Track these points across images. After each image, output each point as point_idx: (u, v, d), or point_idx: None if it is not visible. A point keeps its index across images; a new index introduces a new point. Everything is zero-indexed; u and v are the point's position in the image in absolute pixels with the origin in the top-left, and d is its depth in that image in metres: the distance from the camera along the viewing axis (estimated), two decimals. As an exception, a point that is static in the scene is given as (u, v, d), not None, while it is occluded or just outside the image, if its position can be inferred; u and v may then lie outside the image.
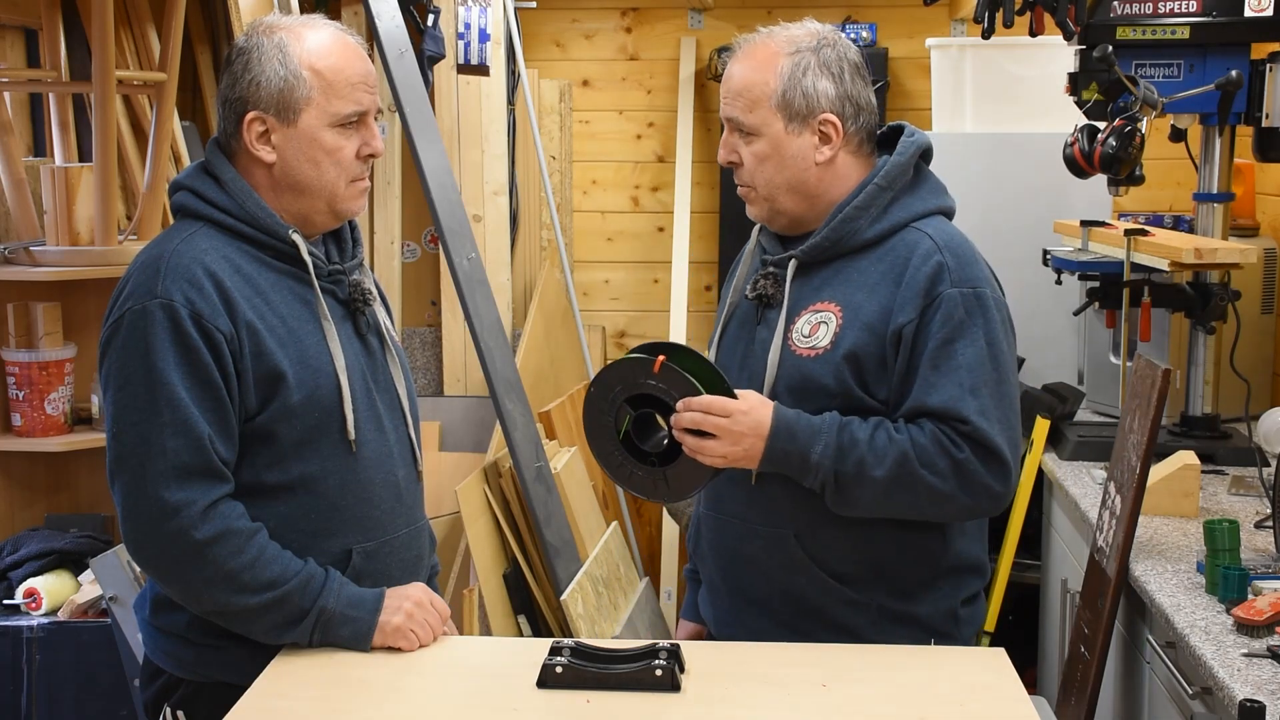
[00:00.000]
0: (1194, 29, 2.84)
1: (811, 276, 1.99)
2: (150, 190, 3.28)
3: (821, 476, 1.89)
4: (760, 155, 1.97)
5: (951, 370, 1.88)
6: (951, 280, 1.91)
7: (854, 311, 1.94)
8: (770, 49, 1.98)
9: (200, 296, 1.79)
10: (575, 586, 3.38)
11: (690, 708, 1.66)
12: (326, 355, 1.88)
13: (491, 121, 4.28)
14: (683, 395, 1.88)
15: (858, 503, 1.92)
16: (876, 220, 1.97)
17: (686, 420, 1.87)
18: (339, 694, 1.71)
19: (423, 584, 1.95)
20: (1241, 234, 3.37)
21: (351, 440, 1.89)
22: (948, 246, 1.94)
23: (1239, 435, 2.97)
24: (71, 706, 2.90)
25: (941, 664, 1.80)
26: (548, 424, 3.87)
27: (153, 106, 3.28)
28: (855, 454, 1.88)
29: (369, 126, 1.92)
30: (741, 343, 2.05)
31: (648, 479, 1.97)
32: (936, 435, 1.88)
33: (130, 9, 3.66)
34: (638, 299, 4.64)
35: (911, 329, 1.90)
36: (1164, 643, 2.11)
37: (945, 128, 3.88)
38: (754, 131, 1.97)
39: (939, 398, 1.88)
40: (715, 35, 4.51)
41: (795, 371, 1.95)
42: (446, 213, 3.46)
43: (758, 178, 1.99)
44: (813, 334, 1.95)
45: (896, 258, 1.95)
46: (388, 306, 2.10)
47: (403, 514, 1.98)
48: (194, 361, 1.77)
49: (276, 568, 1.81)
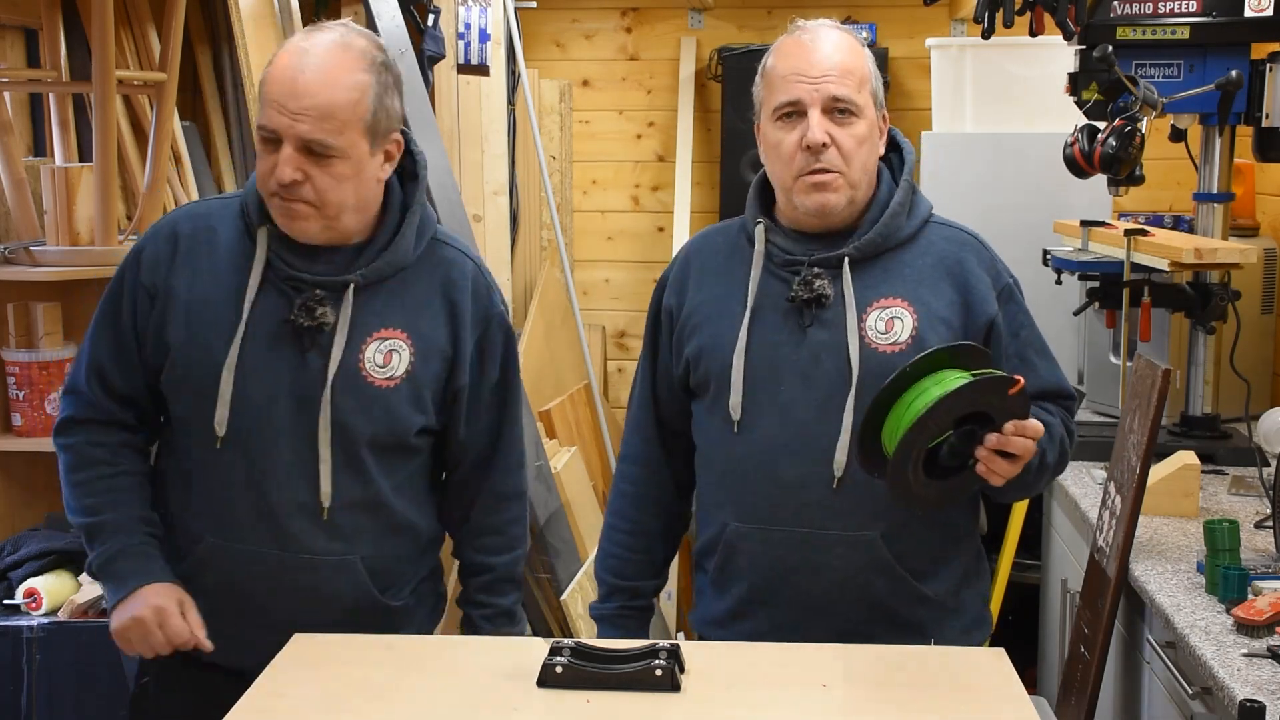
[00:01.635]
0: (1194, 29, 2.84)
1: (863, 275, 1.95)
2: (150, 190, 3.28)
3: (1023, 474, 1.84)
4: (860, 138, 1.92)
5: (1042, 351, 2.01)
6: (1005, 271, 2.01)
7: (925, 307, 1.93)
8: (847, 35, 1.96)
9: (154, 249, 1.96)
10: (575, 586, 3.38)
11: (690, 708, 1.66)
12: (224, 345, 1.89)
13: (491, 121, 4.28)
14: (1012, 417, 1.76)
15: (1027, 490, 1.99)
16: (910, 217, 1.99)
17: (1017, 446, 1.77)
18: (339, 693, 1.71)
19: (178, 599, 1.90)
20: (1241, 234, 3.37)
21: (218, 436, 1.89)
22: (983, 240, 2.03)
23: (1239, 435, 2.97)
24: (71, 706, 2.90)
25: (941, 664, 1.80)
26: (548, 424, 3.87)
27: (153, 106, 3.28)
28: (1042, 444, 1.86)
29: (281, 151, 1.81)
30: (786, 346, 1.94)
31: (918, 487, 1.80)
32: (1064, 415, 1.99)
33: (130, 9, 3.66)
34: (638, 299, 4.64)
35: (1000, 322, 1.96)
36: (1164, 643, 2.11)
37: (945, 128, 3.88)
38: (858, 113, 1.91)
39: (1050, 379, 2.00)
40: (715, 35, 4.51)
41: (884, 368, 1.86)
42: (446, 213, 3.47)
43: (854, 161, 1.92)
44: (889, 330, 1.92)
45: (941, 254, 1.98)
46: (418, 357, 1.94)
47: (279, 535, 1.91)
48: (114, 301, 1.98)
49: (95, 500, 1.94)
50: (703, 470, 2.06)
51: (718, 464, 2.01)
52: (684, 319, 2.04)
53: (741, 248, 2.03)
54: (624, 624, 2.15)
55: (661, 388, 2.11)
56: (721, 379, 1.97)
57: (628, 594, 2.16)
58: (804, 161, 1.90)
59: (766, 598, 1.97)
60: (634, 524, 2.16)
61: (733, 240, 2.06)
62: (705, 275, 2.05)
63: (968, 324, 1.94)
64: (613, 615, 2.16)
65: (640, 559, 2.17)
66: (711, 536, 2.04)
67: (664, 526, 2.17)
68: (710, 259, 2.06)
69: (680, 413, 2.09)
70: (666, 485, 2.15)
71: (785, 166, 1.93)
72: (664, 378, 2.10)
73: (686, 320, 2.04)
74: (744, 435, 1.95)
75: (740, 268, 2.01)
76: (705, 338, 2.00)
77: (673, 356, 2.07)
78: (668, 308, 2.08)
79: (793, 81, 1.91)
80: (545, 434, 3.75)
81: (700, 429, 2.05)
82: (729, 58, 4.29)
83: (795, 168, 1.92)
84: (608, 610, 2.16)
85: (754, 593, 1.98)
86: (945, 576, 1.98)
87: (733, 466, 1.98)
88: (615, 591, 2.16)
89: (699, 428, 2.05)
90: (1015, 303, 1.99)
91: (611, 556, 2.17)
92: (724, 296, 2.00)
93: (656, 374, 2.11)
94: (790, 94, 1.91)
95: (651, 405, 2.13)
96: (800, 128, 1.90)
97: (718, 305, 2.01)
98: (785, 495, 1.93)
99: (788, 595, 1.96)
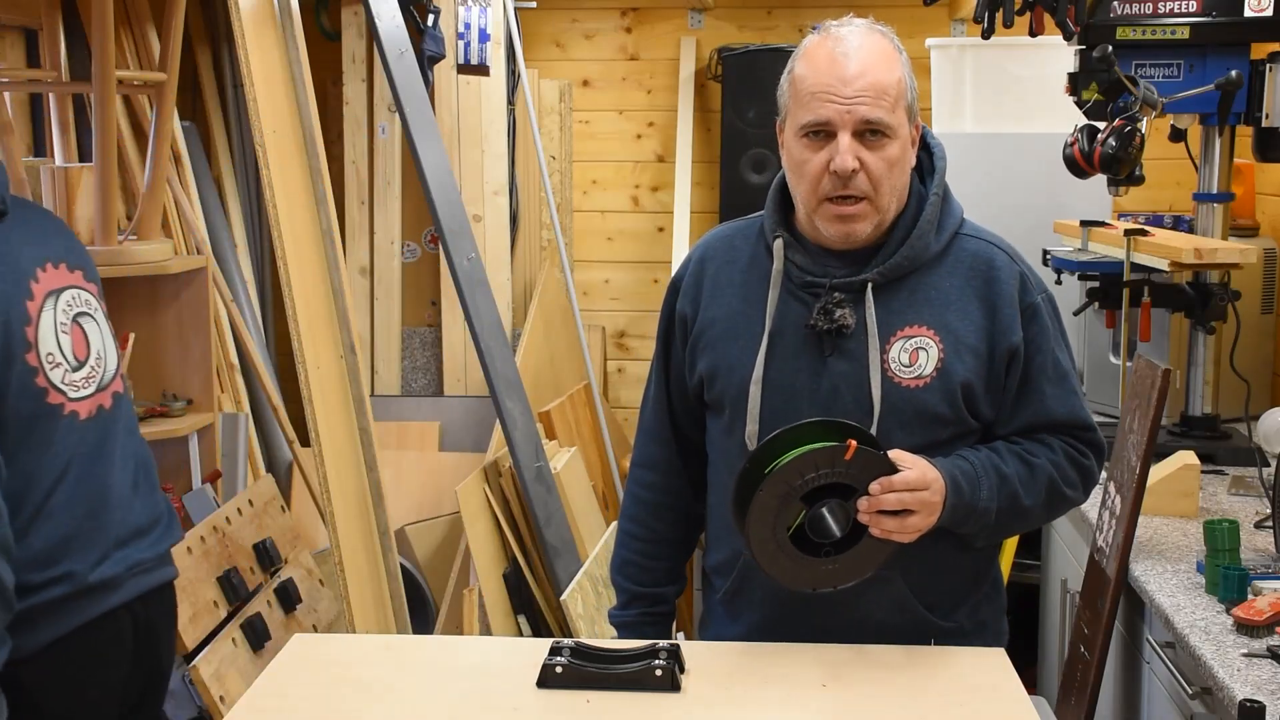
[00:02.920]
0: (1194, 29, 2.84)
1: (887, 300, 1.84)
2: (150, 190, 3.28)
3: (982, 520, 1.81)
4: (891, 160, 1.80)
5: (1061, 379, 1.88)
6: (1035, 287, 1.89)
7: (951, 335, 1.84)
8: (883, 44, 1.82)
9: None
10: (575, 586, 3.38)
11: (690, 708, 1.66)
12: None
13: (491, 121, 4.28)
14: (874, 476, 1.70)
15: (1005, 533, 1.91)
16: (939, 232, 1.88)
17: (891, 502, 1.71)
18: (338, 694, 1.71)
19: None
20: (1241, 234, 3.37)
21: None
22: (1013, 253, 1.91)
23: (1239, 435, 2.97)
24: (72, 706, 2.90)
25: (941, 664, 1.80)
26: (548, 424, 3.87)
27: (153, 107, 3.28)
28: (1009, 489, 1.82)
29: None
30: (804, 375, 1.86)
31: (811, 569, 1.75)
32: (1067, 449, 1.89)
33: (130, 9, 3.66)
34: (638, 299, 4.64)
35: (1021, 345, 1.86)
36: (1164, 643, 2.11)
37: (945, 128, 3.88)
38: (890, 134, 1.79)
39: (1064, 410, 1.88)
40: (715, 35, 4.51)
41: (906, 403, 1.82)
42: (446, 213, 3.47)
43: (883, 185, 1.80)
44: (914, 362, 1.82)
45: (969, 271, 1.87)
46: None
47: None
48: None
49: None
50: (716, 487, 2.00)
51: None
52: (698, 331, 1.97)
53: (759, 259, 1.94)
54: (645, 630, 2.08)
55: (675, 393, 2.04)
56: (737, 404, 1.89)
57: (649, 600, 2.10)
58: (830, 185, 1.80)
59: (780, 629, 1.91)
60: (651, 531, 2.10)
61: (751, 248, 1.96)
62: (720, 286, 1.96)
63: (993, 349, 1.85)
64: (634, 622, 2.10)
65: (659, 565, 2.11)
66: (724, 560, 1.98)
67: (681, 533, 2.12)
68: (726, 268, 1.97)
69: (694, 418, 2.03)
70: (683, 490, 2.09)
71: (810, 187, 1.83)
72: (677, 384, 2.03)
73: (701, 333, 1.96)
74: None
75: (758, 284, 1.91)
76: (719, 356, 1.93)
77: (686, 366, 2.00)
78: (681, 314, 2.00)
79: (823, 100, 1.78)
80: (545, 434, 3.75)
81: (714, 445, 2.00)
82: (729, 58, 4.29)
83: (821, 191, 1.82)
84: (629, 618, 2.10)
85: (767, 623, 1.93)
86: (965, 605, 1.94)
87: None
88: (636, 599, 2.10)
89: (713, 443, 2.00)
90: (1038, 324, 1.87)
91: (629, 564, 2.11)
92: (740, 313, 1.92)
93: (670, 379, 2.05)
94: (819, 114, 1.79)
95: (666, 410, 2.06)
96: (829, 149, 1.80)
97: (734, 324, 1.92)
98: None
99: (802, 630, 1.90)
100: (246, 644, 2.79)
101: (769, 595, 1.91)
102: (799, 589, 1.78)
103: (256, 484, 3.34)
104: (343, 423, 3.26)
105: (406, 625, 3.38)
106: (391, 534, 3.36)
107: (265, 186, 3.06)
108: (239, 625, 2.80)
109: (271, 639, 2.86)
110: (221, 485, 3.50)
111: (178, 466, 3.36)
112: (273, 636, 2.88)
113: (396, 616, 3.33)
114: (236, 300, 4.05)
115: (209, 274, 3.42)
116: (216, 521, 2.92)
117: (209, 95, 4.32)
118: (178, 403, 3.38)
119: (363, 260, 4.34)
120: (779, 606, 1.91)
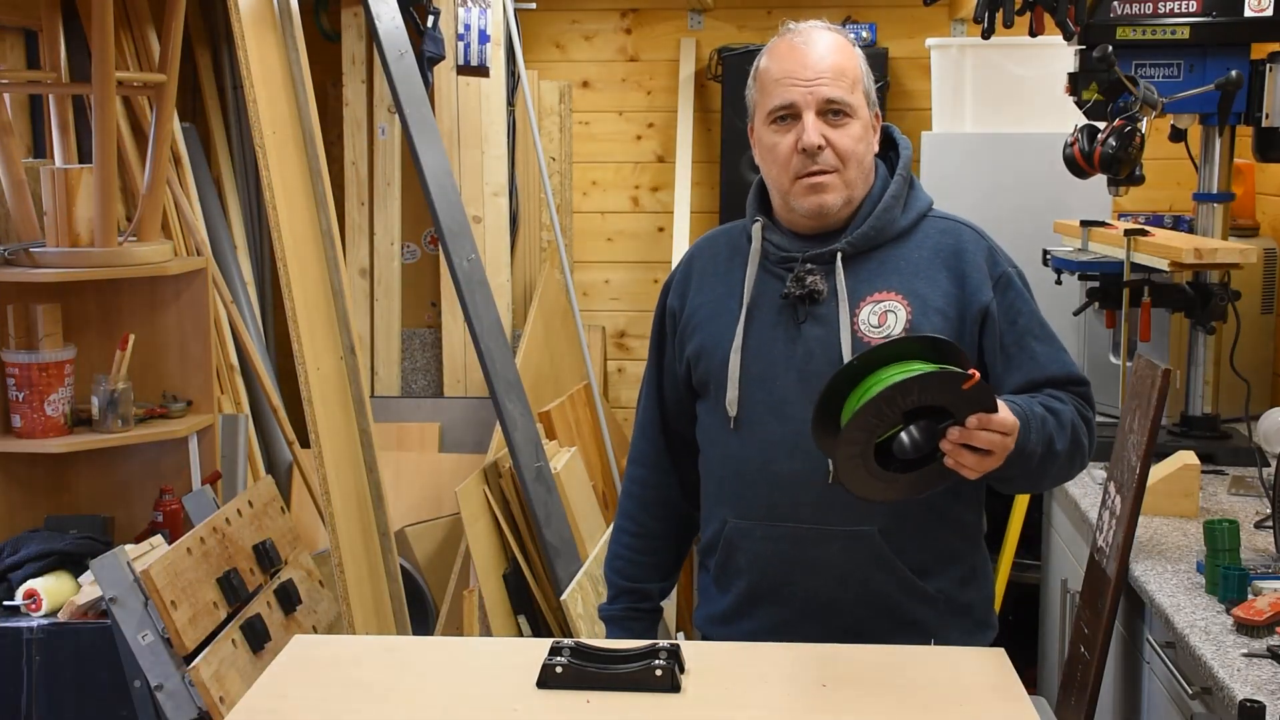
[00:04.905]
0: (1194, 29, 2.84)
1: (857, 269, 1.95)
2: (150, 191, 3.28)
3: (1026, 465, 1.81)
4: (855, 137, 1.93)
5: (1050, 337, 1.97)
6: (1004, 260, 1.99)
7: (920, 299, 1.93)
8: (838, 37, 1.97)
9: None
10: (575, 586, 3.38)
11: (690, 708, 1.66)
12: None
13: (491, 122, 4.29)
14: (973, 409, 1.68)
15: (1038, 481, 1.95)
16: (905, 210, 1.99)
17: (982, 440, 1.69)
18: (339, 694, 1.71)
19: None
20: (1241, 234, 3.37)
21: None
22: (981, 231, 2.02)
23: (1239, 435, 2.97)
24: (71, 707, 2.90)
25: (941, 664, 1.80)
26: (548, 424, 3.87)
27: (152, 108, 3.29)
28: (1047, 432, 1.85)
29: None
30: (780, 343, 1.96)
31: (876, 480, 1.73)
32: (1073, 401, 1.94)
33: (130, 10, 3.67)
34: (638, 299, 4.64)
35: (994, 306, 1.94)
36: (1164, 643, 2.11)
37: (945, 128, 3.88)
38: (851, 113, 1.93)
39: (1057, 366, 1.95)
40: (715, 36, 4.51)
41: None
42: (446, 213, 3.47)
43: (850, 160, 1.93)
44: (882, 323, 1.92)
45: (937, 245, 1.97)
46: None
47: None
48: None
49: None
50: (704, 469, 2.07)
51: (717, 462, 2.02)
52: (685, 320, 2.07)
53: (741, 249, 2.05)
54: (631, 625, 2.16)
55: (667, 390, 2.13)
56: (719, 377, 1.98)
57: (635, 595, 2.17)
58: (800, 164, 1.92)
59: (767, 595, 1.98)
60: (641, 526, 2.17)
61: (734, 242, 2.08)
62: (706, 277, 2.07)
63: (963, 313, 1.93)
64: (620, 616, 2.17)
65: (647, 561, 2.18)
66: (713, 534, 2.05)
67: (671, 529, 2.18)
68: (711, 261, 2.08)
69: (686, 415, 2.10)
70: (674, 488, 2.16)
71: (782, 169, 1.95)
72: (669, 380, 2.12)
73: (688, 321, 2.06)
74: (741, 432, 1.96)
75: (739, 268, 2.02)
76: (704, 336, 2.02)
77: (676, 358, 2.09)
78: (671, 310, 2.10)
79: (786, 85, 1.92)
80: (545, 434, 3.75)
81: (702, 428, 2.06)
82: (729, 58, 4.29)
83: (792, 170, 1.94)
84: (615, 611, 2.17)
85: (755, 589, 1.99)
86: (948, 574, 1.98)
87: (731, 464, 1.99)
88: (622, 593, 2.17)
89: (701, 427, 2.06)
90: (1014, 290, 1.97)
91: (619, 558, 2.18)
92: (723, 296, 2.03)
93: (662, 377, 2.14)
94: (784, 97, 1.92)
95: (658, 408, 2.15)
96: (795, 130, 1.92)
97: (716, 305, 2.03)
98: (782, 491, 1.94)
99: (788, 592, 1.96)
100: (246, 645, 2.78)
101: (753, 561, 1.98)
102: (861, 495, 1.76)
103: (256, 485, 3.33)
104: (343, 424, 3.26)
105: (406, 626, 3.38)
106: (391, 535, 3.37)
107: (265, 187, 3.06)
108: (239, 626, 2.80)
109: (271, 640, 2.86)
110: (221, 486, 3.50)
111: (177, 468, 3.37)
112: (273, 638, 2.88)
113: (396, 617, 3.33)
114: (236, 301, 4.05)
115: (209, 275, 3.42)
116: (216, 523, 2.92)
117: (209, 96, 4.32)
118: (177, 404, 3.38)
119: (362, 261, 4.34)
120: (763, 572, 1.97)
